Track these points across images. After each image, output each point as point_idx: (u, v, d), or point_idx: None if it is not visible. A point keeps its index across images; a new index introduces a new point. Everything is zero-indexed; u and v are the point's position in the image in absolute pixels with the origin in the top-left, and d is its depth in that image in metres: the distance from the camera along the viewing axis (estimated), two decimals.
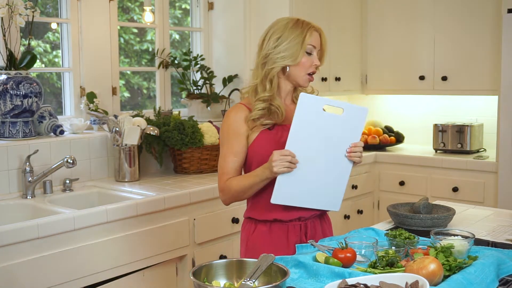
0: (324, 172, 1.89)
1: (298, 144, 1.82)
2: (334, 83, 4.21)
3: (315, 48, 1.95)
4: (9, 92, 2.79)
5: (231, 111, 2.01)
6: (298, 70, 1.94)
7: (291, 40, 1.91)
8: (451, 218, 2.15)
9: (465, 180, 3.82)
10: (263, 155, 1.90)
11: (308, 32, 1.92)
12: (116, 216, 2.50)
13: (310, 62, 1.94)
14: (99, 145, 3.16)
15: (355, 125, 1.89)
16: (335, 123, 1.86)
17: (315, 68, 1.96)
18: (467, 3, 3.95)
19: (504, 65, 3.59)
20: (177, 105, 3.96)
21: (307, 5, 3.91)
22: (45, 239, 2.26)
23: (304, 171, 1.85)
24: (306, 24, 1.94)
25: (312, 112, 1.82)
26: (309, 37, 1.92)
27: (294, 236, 1.98)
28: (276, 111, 1.95)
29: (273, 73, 1.95)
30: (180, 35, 4.11)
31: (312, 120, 1.83)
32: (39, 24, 3.26)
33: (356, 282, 1.38)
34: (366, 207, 4.17)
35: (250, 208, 2.05)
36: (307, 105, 1.81)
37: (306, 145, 1.83)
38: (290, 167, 1.80)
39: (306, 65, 1.94)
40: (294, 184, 1.85)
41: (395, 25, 4.32)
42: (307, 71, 1.95)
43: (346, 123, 1.87)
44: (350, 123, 1.88)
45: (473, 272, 1.51)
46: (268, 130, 1.96)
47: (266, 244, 1.97)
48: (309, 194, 1.90)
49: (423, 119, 4.49)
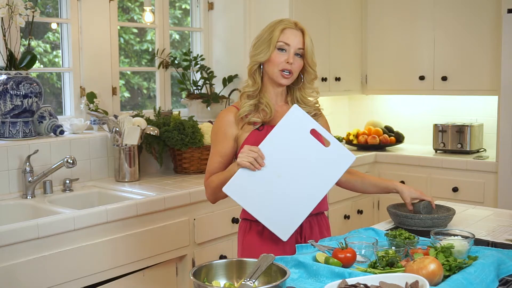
0: (284, 193, 1.83)
1: (271, 150, 1.80)
2: (334, 83, 4.21)
3: (289, 46, 1.96)
4: (9, 92, 2.79)
5: (222, 112, 2.07)
6: (270, 66, 1.98)
7: (264, 38, 1.98)
8: (451, 218, 2.15)
9: (465, 180, 3.82)
10: None
11: (278, 30, 1.96)
12: (116, 216, 2.51)
13: (280, 58, 1.96)
14: (99, 145, 3.16)
15: (335, 167, 1.86)
16: (315, 152, 1.83)
17: (287, 65, 1.96)
18: (467, 3, 3.95)
19: (504, 65, 3.59)
20: (177, 105, 3.96)
21: (307, 5, 3.91)
22: (45, 239, 2.26)
23: (265, 180, 1.80)
24: (282, 23, 1.99)
25: (297, 128, 1.81)
26: (280, 34, 1.96)
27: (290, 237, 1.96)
28: (264, 108, 1.99)
29: (252, 69, 2.01)
30: (180, 35, 4.11)
31: (294, 135, 1.82)
32: (39, 24, 3.26)
33: (356, 282, 1.38)
34: (366, 207, 4.17)
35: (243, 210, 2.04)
36: (295, 118, 1.81)
37: (278, 155, 1.81)
38: (253, 165, 1.79)
39: (276, 61, 1.96)
40: (251, 185, 1.81)
41: (395, 25, 4.32)
42: (278, 67, 1.96)
43: (326, 159, 1.84)
44: (331, 161, 1.85)
45: (473, 272, 1.51)
46: (258, 131, 1.97)
47: (261, 244, 1.98)
48: (262, 205, 1.83)
49: (423, 119, 4.49)
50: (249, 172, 1.80)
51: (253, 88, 2.01)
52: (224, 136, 2.01)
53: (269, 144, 1.81)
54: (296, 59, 1.98)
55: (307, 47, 1.99)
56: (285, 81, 1.99)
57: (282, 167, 1.81)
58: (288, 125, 1.81)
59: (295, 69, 1.98)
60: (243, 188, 1.81)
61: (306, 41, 1.99)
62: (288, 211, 1.85)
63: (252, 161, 1.79)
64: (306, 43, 1.99)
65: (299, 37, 1.98)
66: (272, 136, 1.81)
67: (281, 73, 1.97)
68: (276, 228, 1.85)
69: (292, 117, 1.81)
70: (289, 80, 2.00)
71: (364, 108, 4.80)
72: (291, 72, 1.98)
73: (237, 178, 1.81)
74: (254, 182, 1.80)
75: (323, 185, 1.86)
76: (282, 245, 1.95)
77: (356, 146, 4.38)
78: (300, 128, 1.82)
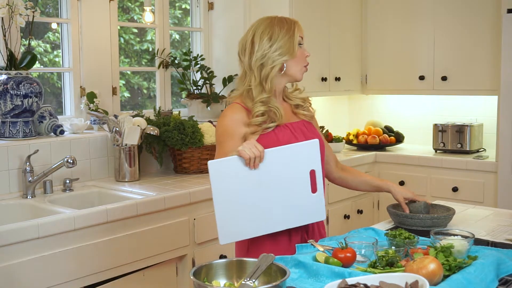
0: (253, 204, 1.79)
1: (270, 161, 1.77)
2: (334, 83, 4.21)
3: (302, 39, 2.00)
4: (10, 92, 2.79)
5: (227, 110, 1.98)
6: (295, 63, 1.96)
7: (284, 35, 1.93)
8: (451, 218, 2.15)
9: (465, 180, 3.82)
10: None
11: (296, 25, 1.97)
12: (116, 216, 2.51)
13: (303, 54, 1.98)
14: (99, 145, 3.16)
15: (304, 216, 1.85)
16: (300, 190, 1.82)
17: (307, 59, 2.00)
18: (467, 3, 3.95)
19: (504, 65, 3.59)
20: (177, 105, 3.96)
21: (307, 5, 3.91)
22: (45, 239, 2.26)
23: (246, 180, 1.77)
24: (289, 19, 2.00)
25: (303, 159, 1.80)
26: (298, 29, 1.97)
27: (295, 234, 1.97)
28: (275, 112, 1.95)
29: (273, 72, 1.93)
30: (180, 35, 4.12)
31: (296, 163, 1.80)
32: (39, 24, 3.26)
33: (356, 282, 1.38)
34: (366, 207, 4.17)
35: None
36: (307, 150, 1.80)
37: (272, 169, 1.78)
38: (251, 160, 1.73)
39: (302, 57, 1.98)
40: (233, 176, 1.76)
41: (395, 25, 4.32)
42: (303, 63, 1.99)
43: (304, 203, 1.83)
44: (305, 207, 1.83)
45: (473, 272, 1.51)
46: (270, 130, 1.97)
47: (268, 242, 1.94)
48: (227, 198, 1.78)
49: (423, 119, 4.49)
50: (241, 164, 1.75)
51: (268, 94, 1.94)
52: (231, 137, 1.93)
53: (272, 155, 1.78)
54: None
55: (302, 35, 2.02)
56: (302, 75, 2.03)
57: (267, 181, 1.78)
58: (297, 152, 1.80)
59: None
60: (225, 173, 1.76)
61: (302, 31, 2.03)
62: (245, 220, 1.80)
63: (252, 157, 1.74)
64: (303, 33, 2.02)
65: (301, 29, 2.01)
66: (279, 151, 1.79)
67: (304, 69, 2.00)
68: (223, 226, 1.79)
69: (306, 148, 1.80)
70: None
71: (364, 108, 4.80)
72: None
73: (227, 161, 1.76)
74: (236, 175, 1.76)
75: (285, 222, 1.84)
76: (289, 245, 1.94)
77: (356, 146, 4.38)
78: (305, 160, 1.80)
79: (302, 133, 2.02)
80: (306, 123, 2.08)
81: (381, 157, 4.20)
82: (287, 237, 1.96)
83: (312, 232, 2.03)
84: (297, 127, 2.03)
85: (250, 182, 1.77)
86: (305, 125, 2.07)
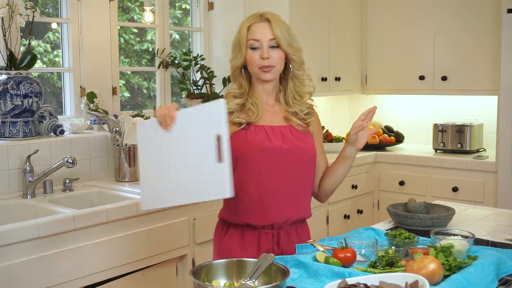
0: (169, 170, 1.73)
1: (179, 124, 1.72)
2: (334, 83, 4.21)
3: (259, 41, 1.88)
4: (10, 92, 2.79)
5: None
6: (250, 66, 1.92)
7: (235, 40, 1.94)
8: (451, 218, 2.15)
9: (465, 180, 3.82)
10: (232, 154, 1.73)
11: (244, 29, 1.91)
12: (116, 216, 2.51)
13: (255, 57, 1.88)
14: (99, 145, 3.16)
15: (209, 188, 1.66)
16: (205, 159, 1.66)
17: (263, 61, 1.87)
18: (467, 3, 3.95)
19: (504, 65, 3.59)
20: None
21: (307, 5, 3.91)
22: (45, 239, 2.26)
23: (164, 144, 1.73)
24: (247, 20, 1.94)
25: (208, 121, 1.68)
26: (247, 33, 1.90)
27: (265, 244, 1.90)
28: (251, 108, 1.91)
29: (235, 74, 1.97)
30: (180, 35, 4.12)
31: (202, 126, 1.69)
32: (39, 24, 3.26)
33: (356, 282, 1.38)
34: (366, 207, 4.17)
35: (223, 209, 2.00)
36: (214, 111, 1.67)
37: (180, 133, 1.72)
38: (162, 120, 1.70)
39: (251, 61, 1.89)
40: (154, 139, 1.74)
41: (395, 25, 4.32)
42: (256, 66, 1.89)
43: (209, 174, 1.66)
44: (209, 179, 1.66)
45: (473, 272, 1.51)
46: (243, 130, 1.89)
47: (238, 249, 1.90)
48: (150, 163, 1.76)
49: (423, 119, 4.49)
50: (159, 127, 1.73)
51: (240, 91, 1.95)
52: None
53: (182, 117, 1.72)
54: (272, 51, 1.88)
55: (278, 35, 1.88)
56: (267, 75, 1.90)
57: (178, 146, 1.72)
58: (203, 114, 1.70)
59: (274, 61, 1.89)
60: (147, 135, 1.77)
61: (275, 30, 1.88)
62: (161, 187, 1.75)
63: (162, 114, 1.71)
64: (275, 32, 1.88)
65: (267, 28, 1.89)
66: (186, 112, 1.74)
67: (261, 70, 1.89)
68: (145, 191, 1.79)
69: (210, 109, 1.68)
70: (271, 73, 1.90)
71: (364, 108, 4.74)
72: (270, 66, 1.88)
73: (150, 122, 1.76)
74: (155, 137, 1.74)
75: (191, 194, 1.72)
76: (258, 255, 1.78)
77: None
78: (210, 124, 1.66)
79: (282, 137, 1.90)
80: (294, 130, 1.94)
81: (381, 157, 4.20)
82: (256, 246, 1.90)
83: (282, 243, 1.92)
84: (278, 130, 1.91)
85: (165, 146, 1.73)
86: (292, 130, 1.94)
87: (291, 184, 1.90)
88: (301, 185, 1.94)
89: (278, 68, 1.92)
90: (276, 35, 1.88)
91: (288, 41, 1.91)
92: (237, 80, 1.97)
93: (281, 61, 1.91)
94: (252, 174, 1.86)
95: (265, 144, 1.87)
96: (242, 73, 1.96)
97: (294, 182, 1.91)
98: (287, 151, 1.88)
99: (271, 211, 1.88)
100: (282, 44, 1.89)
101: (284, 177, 1.88)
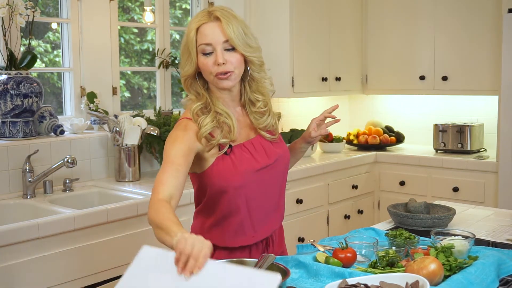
0: None
1: None
2: (334, 83, 4.21)
3: (211, 45, 1.64)
4: (10, 92, 2.79)
5: (179, 124, 1.70)
6: (205, 74, 1.68)
7: (184, 45, 1.68)
8: (451, 218, 2.15)
9: (465, 180, 3.82)
10: (220, 184, 1.69)
11: (192, 32, 1.65)
12: (116, 216, 2.50)
13: (208, 63, 1.65)
14: (99, 145, 3.16)
15: None
16: None
17: (219, 67, 1.64)
18: (467, 3, 3.95)
19: (504, 65, 3.59)
20: (177, 105, 3.96)
21: (307, 5, 3.91)
22: (45, 239, 2.26)
23: None
24: (194, 20, 1.67)
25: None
26: (196, 36, 1.65)
27: (257, 254, 1.80)
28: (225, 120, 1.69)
29: (187, 84, 1.73)
30: (180, 35, 4.11)
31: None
32: (40, 24, 3.26)
33: (356, 282, 1.38)
34: (366, 207, 4.16)
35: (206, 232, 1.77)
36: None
37: None
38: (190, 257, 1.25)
39: (205, 69, 1.66)
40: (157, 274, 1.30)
41: (395, 25, 4.32)
42: (212, 73, 1.66)
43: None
44: None
45: (474, 272, 1.51)
46: (226, 155, 1.70)
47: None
48: None
49: (424, 119, 4.49)
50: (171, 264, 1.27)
51: (201, 101, 1.70)
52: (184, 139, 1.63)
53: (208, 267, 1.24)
54: (228, 54, 1.65)
55: (231, 35, 1.63)
56: (227, 82, 1.67)
57: None
58: (245, 281, 1.21)
59: (232, 66, 1.66)
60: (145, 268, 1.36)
61: (227, 30, 1.63)
62: None
63: (186, 254, 1.25)
64: (227, 32, 1.63)
65: (217, 29, 1.63)
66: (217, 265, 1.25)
67: (218, 78, 1.66)
68: None
69: (262, 282, 1.20)
70: (231, 80, 1.68)
71: (365, 108, 4.80)
72: (228, 72, 1.65)
73: (159, 254, 1.32)
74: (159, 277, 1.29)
75: None
76: None
77: (356, 146, 4.38)
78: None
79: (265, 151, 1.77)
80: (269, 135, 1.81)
81: (382, 157, 4.20)
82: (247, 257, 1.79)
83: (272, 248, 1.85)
84: (258, 144, 1.77)
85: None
86: (260, 140, 1.79)
87: (275, 194, 1.82)
88: (282, 188, 1.86)
89: (238, 72, 1.69)
90: (229, 36, 1.63)
91: (245, 41, 1.67)
92: (192, 89, 1.72)
93: (240, 65, 1.68)
94: (243, 197, 1.72)
95: (253, 167, 1.73)
96: (197, 80, 1.72)
97: (277, 190, 1.83)
98: (271, 165, 1.77)
99: (261, 228, 1.78)
100: (237, 45, 1.65)
101: (270, 189, 1.79)
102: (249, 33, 1.69)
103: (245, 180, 1.71)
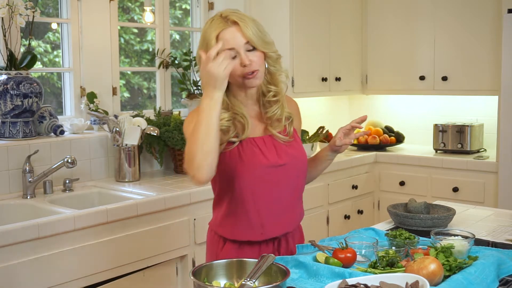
0: None
1: None
2: (334, 83, 4.21)
3: (234, 49, 1.68)
4: (10, 92, 2.79)
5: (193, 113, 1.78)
6: (232, 77, 1.69)
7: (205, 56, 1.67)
8: (451, 218, 2.15)
9: (465, 180, 3.82)
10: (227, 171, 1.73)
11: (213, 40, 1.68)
12: (116, 216, 2.51)
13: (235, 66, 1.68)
14: (99, 145, 3.16)
15: None
16: None
17: (245, 68, 1.69)
18: (467, 3, 3.95)
19: (504, 65, 3.59)
20: (177, 105, 3.96)
21: (307, 5, 3.91)
22: (45, 239, 2.26)
23: None
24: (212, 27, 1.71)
25: None
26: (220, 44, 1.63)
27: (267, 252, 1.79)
28: (240, 120, 1.76)
29: None
30: (180, 35, 4.11)
31: None
32: (40, 24, 3.26)
33: (356, 282, 1.38)
34: (366, 207, 4.16)
35: (218, 225, 1.87)
36: None
37: None
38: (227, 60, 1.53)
39: (233, 71, 1.67)
40: None
41: (395, 25, 4.32)
42: (239, 75, 1.71)
43: None
44: None
45: (474, 272, 1.51)
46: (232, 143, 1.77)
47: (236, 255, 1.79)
48: None
49: (423, 119, 4.49)
50: None
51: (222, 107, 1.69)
52: None
53: None
54: (251, 54, 1.70)
55: (251, 37, 1.68)
56: (255, 81, 1.73)
57: None
58: None
59: (257, 65, 1.71)
60: None
61: (246, 32, 1.68)
62: None
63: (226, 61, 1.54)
64: (246, 34, 1.68)
65: (238, 32, 1.69)
66: None
67: (245, 78, 1.72)
68: None
69: None
70: (257, 78, 1.73)
71: (364, 108, 4.79)
72: (255, 71, 1.71)
73: None
74: None
75: None
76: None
77: (356, 146, 4.38)
78: None
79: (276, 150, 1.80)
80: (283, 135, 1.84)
81: (382, 157, 4.20)
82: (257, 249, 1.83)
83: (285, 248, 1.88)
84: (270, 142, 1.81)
85: None
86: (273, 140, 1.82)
87: (288, 196, 1.84)
88: (296, 191, 1.89)
89: (262, 70, 1.75)
90: (249, 38, 1.69)
91: (262, 39, 1.73)
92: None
93: (263, 62, 1.74)
94: (249, 192, 1.77)
95: (260, 161, 1.76)
96: None
97: (290, 193, 1.85)
98: (282, 166, 1.80)
99: (270, 227, 1.81)
100: (258, 45, 1.71)
101: (281, 190, 1.81)
102: (263, 30, 1.75)
103: (250, 172, 1.76)
